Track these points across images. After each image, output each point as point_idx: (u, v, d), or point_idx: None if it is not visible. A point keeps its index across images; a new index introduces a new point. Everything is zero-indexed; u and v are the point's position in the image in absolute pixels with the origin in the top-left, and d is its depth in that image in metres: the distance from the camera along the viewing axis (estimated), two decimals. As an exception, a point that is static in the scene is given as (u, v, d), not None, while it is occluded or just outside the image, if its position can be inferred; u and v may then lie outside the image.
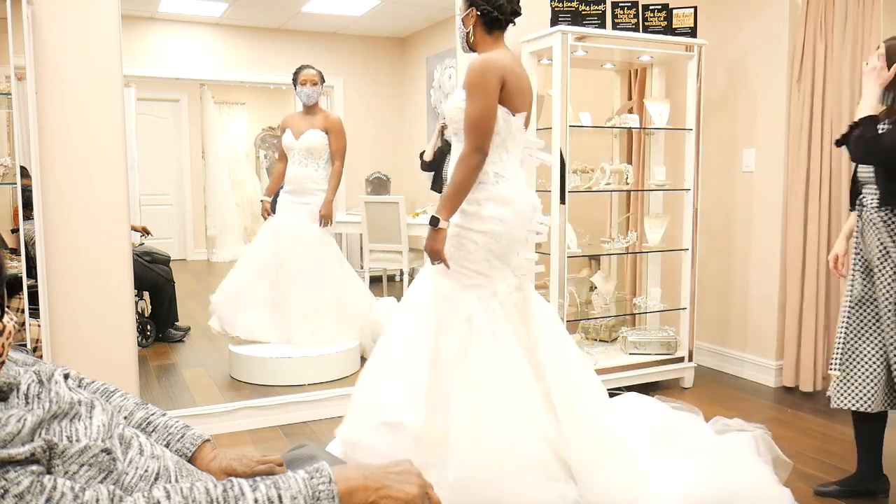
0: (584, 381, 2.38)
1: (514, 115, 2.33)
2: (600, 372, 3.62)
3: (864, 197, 2.48)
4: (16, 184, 2.71)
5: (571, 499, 2.12)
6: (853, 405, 2.45)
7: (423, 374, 2.28)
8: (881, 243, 2.40)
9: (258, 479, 1.05)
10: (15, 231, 3.16)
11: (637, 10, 3.62)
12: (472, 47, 2.44)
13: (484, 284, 2.34)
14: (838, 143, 2.49)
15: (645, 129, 4.01)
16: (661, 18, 3.66)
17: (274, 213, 4.04)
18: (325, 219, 3.95)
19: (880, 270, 2.41)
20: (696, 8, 3.73)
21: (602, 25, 3.56)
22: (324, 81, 4.01)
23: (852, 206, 2.56)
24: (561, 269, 3.47)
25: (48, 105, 2.85)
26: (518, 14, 2.43)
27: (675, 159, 3.98)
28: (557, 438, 2.22)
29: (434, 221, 2.29)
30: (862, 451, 2.57)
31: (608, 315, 4.01)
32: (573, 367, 2.38)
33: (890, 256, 2.40)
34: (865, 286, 2.48)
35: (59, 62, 2.85)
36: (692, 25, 3.71)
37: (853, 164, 2.56)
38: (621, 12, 3.62)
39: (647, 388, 3.79)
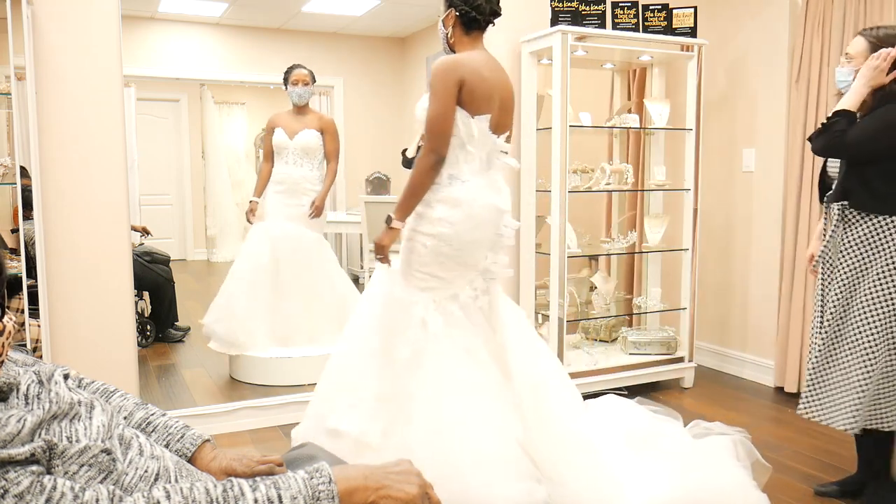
0: (553, 384, 2.35)
1: (472, 118, 2.29)
2: (600, 372, 3.63)
3: (831, 193, 2.44)
4: (16, 184, 2.70)
5: (540, 499, 2.10)
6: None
7: (370, 379, 2.30)
8: (842, 241, 2.37)
9: (258, 479, 1.05)
10: (15, 231, 3.16)
11: (637, 10, 3.62)
12: (451, 48, 2.42)
13: (439, 287, 2.32)
14: (811, 139, 2.45)
15: (645, 129, 4.01)
16: (661, 18, 3.66)
17: (260, 214, 3.97)
18: (318, 211, 3.90)
19: (838, 270, 2.38)
20: (696, 8, 3.73)
21: (602, 25, 3.56)
22: (314, 81, 3.98)
23: (821, 200, 2.52)
24: (561, 269, 3.47)
25: (48, 105, 2.85)
26: (497, 15, 2.40)
27: (675, 159, 3.98)
28: (526, 440, 2.21)
29: (388, 220, 2.32)
30: (861, 455, 2.56)
31: (608, 315, 4.01)
32: (542, 370, 2.35)
33: (844, 256, 2.36)
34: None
35: (59, 62, 2.85)
36: (692, 25, 3.71)
37: (822, 158, 2.49)
38: (621, 12, 3.62)
39: (647, 389, 3.79)
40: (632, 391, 3.68)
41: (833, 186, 2.43)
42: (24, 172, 2.75)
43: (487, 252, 2.36)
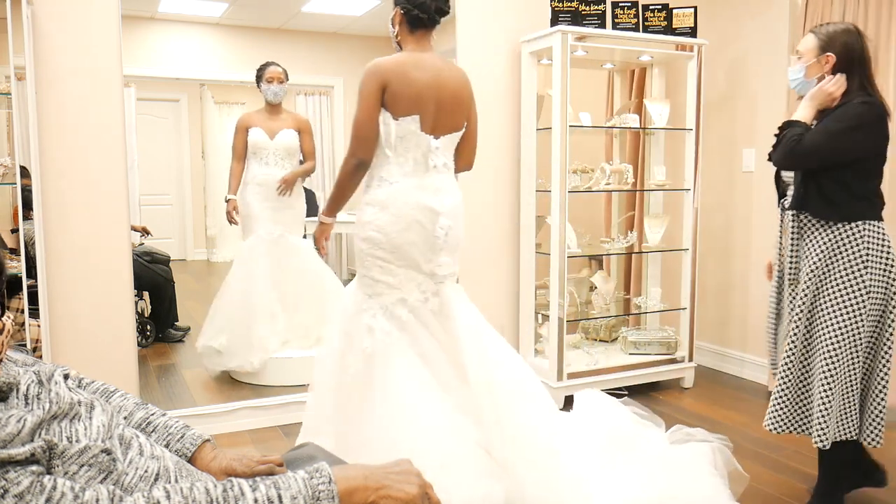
0: (511, 383, 2.30)
1: (396, 120, 2.27)
2: (600, 372, 3.63)
3: (785, 199, 2.41)
4: (16, 184, 2.70)
5: (498, 498, 2.07)
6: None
7: (327, 395, 2.34)
8: (798, 250, 2.36)
9: (258, 479, 1.05)
10: (15, 231, 3.16)
11: (637, 10, 3.62)
12: (399, 46, 2.41)
13: (386, 293, 2.31)
14: (770, 157, 2.40)
15: (645, 129, 4.01)
16: (661, 18, 3.66)
17: (245, 216, 3.93)
18: (288, 184, 3.82)
19: (801, 279, 2.35)
20: (696, 8, 3.73)
21: (602, 25, 3.56)
22: (288, 79, 3.92)
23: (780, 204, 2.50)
24: (561, 269, 3.47)
25: (48, 105, 2.85)
26: (443, 13, 2.37)
27: (675, 159, 3.98)
28: (486, 441, 2.17)
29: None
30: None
31: (608, 315, 4.01)
32: (497, 369, 2.30)
33: (805, 266, 2.33)
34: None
35: (59, 62, 2.85)
36: (692, 25, 3.71)
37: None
38: (621, 12, 3.62)
39: (647, 388, 3.79)
40: (632, 391, 3.68)
41: (787, 192, 2.40)
42: (25, 172, 2.74)
43: (427, 253, 2.32)
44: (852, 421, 2.29)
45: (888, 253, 2.25)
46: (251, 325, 3.73)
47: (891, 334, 2.29)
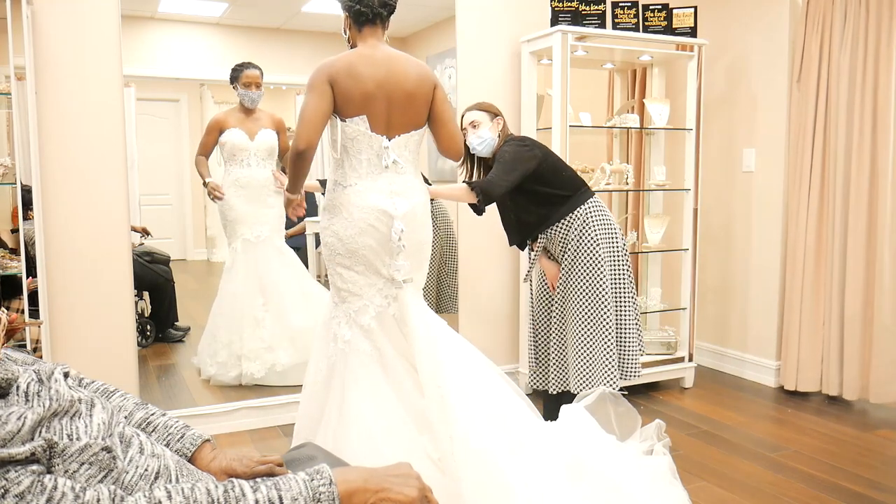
0: (469, 398, 2.15)
1: (344, 121, 2.20)
2: (600, 372, 3.62)
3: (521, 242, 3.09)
4: (16, 184, 2.70)
5: None
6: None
7: (305, 400, 2.35)
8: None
9: (259, 480, 1.05)
10: (15, 231, 3.16)
11: (637, 10, 3.62)
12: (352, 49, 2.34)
13: (350, 300, 2.25)
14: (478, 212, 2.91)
15: (645, 129, 4.01)
16: (661, 18, 3.66)
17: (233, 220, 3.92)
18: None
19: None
20: (696, 8, 3.73)
21: (602, 25, 3.56)
22: (263, 78, 3.90)
23: (521, 246, 3.14)
24: (561, 269, 3.47)
25: (48, 105, 2.85)
26: (389, 7, 2.27)
27: (675, 159, 3.98)
28: (437, 454, 2.08)
29: None
30: None
31: (608, 315, 4.01)
32: (455, 381, 2.16)
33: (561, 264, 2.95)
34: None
35: (59, 62, 2.85)
36: (692, 25, 3.71)
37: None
38: (621, 12, 3.62)
39: (647, 388, 3.79)
40: (632, 391, 3.68)
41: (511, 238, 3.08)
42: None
43: (385, 258, 2.24)
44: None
45: (609, 222, 2.93)
46: (242, 334, 3.71)
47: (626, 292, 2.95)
